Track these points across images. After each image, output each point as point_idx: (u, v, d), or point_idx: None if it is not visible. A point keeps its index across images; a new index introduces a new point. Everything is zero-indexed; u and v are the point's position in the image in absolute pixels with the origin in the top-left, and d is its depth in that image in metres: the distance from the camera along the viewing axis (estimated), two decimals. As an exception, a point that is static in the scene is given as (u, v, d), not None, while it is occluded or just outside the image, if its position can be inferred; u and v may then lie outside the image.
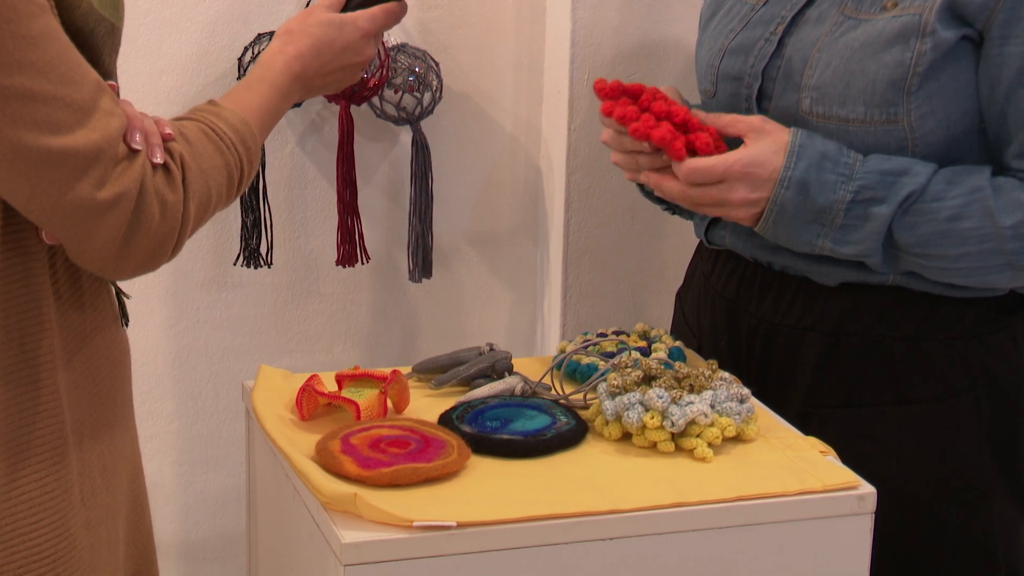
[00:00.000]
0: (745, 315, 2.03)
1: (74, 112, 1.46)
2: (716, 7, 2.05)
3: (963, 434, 1.92)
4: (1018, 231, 1.81)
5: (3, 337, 1.51)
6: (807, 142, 1.83)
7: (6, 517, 1.52)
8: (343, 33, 1.80)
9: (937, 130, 1.84)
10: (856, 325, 1.93)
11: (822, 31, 1.89)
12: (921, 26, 1.81)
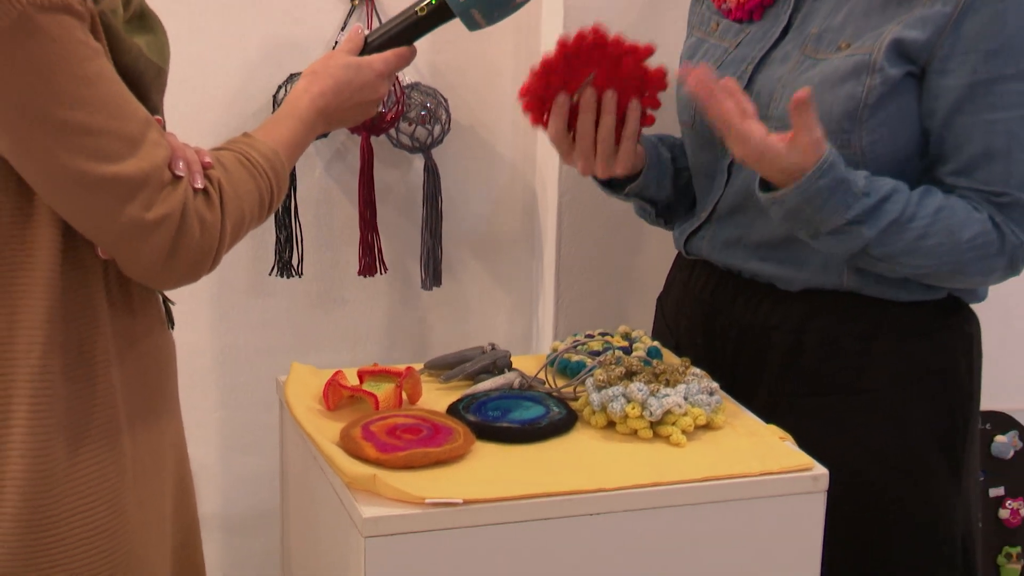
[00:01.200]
0: (719, 317, 2.02)
1: (125, 143, 1.46)
2: (695, 49, 2.04)
3: (910, 420, 1.92)
4: (973, 244, 1.81)
5: (64, 339, 1.50)
6: (835, 162, 1.76)
7: (68, 495, 1.51)
8: (360, 74, 1.79)
9: (885, 153, 1.84)
10: (816, 325, 1.93)
11: (786, 69, 1.89)
12: (871, 64, 1.81)
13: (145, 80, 1.54)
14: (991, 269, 1.86)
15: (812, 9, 1.91)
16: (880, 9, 1.83)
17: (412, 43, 1.83)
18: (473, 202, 2.58)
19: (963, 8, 1.77)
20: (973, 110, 1.80)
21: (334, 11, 2.43)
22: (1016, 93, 1.79)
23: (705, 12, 2.06)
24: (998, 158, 1.81)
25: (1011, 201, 1.82)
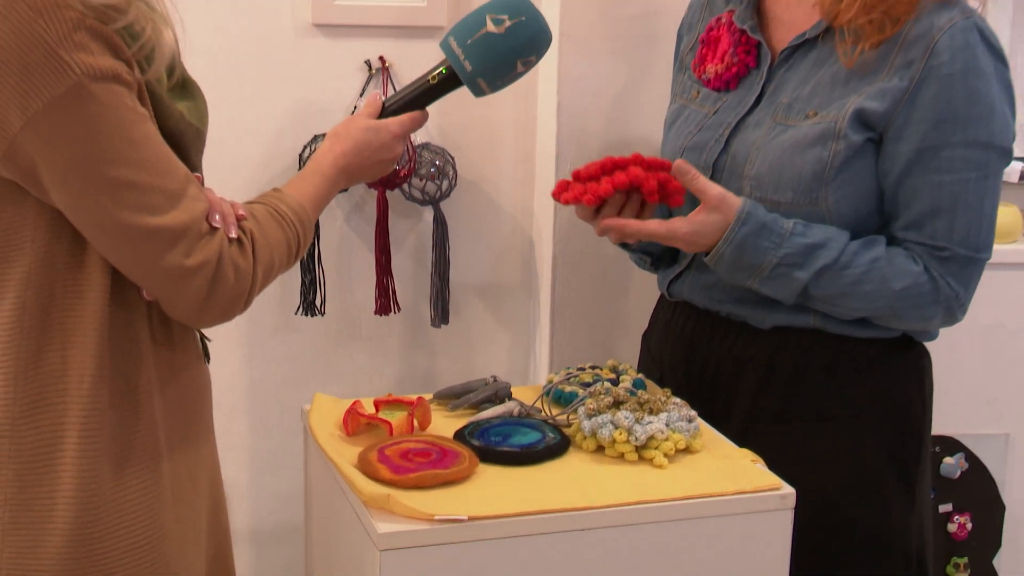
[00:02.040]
0: (698, 352, 2.02)
1: (167, 198, 1.46)
2: (677, 115, 2.05)
3: (868, 445, 1.92)
4: (905, 293, 1.83)
5: (111, 372, 1.50)
6: (752, 212, 1.83)
7: (113, 512, 1.51)
8: (378, 135, 1.80)
9: (848, 210, 1.85)
10: (784, 359, 1.93)
11: (759, 134, 1.89)
12: (836, 131, 1.82)
13: (186, 141, 1.55)
14: (928, 316, 1.87)
15: (783, 80, 1.92)
16: (844, 82, 1.84)
17: (425, 107, 1.84)
18: (477, 249, 2.57)
19: (917, 83, 1.78)
20: (922, 172, 1.81)
21: (353, 79, 2.44)
22: (960, 158, 1.80)
23: (687, 81, 2.06)
24: (943, 216, 1.82)
25: (951, 255, 1.83)
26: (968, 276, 1.85)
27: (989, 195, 1.83)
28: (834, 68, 1.86)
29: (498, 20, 1.78)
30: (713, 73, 1.99)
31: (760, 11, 1.98)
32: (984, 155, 1.81)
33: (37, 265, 1.46)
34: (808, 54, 1.90)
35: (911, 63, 1.79)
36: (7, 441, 1.48)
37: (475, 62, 1.79)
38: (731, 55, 1.97)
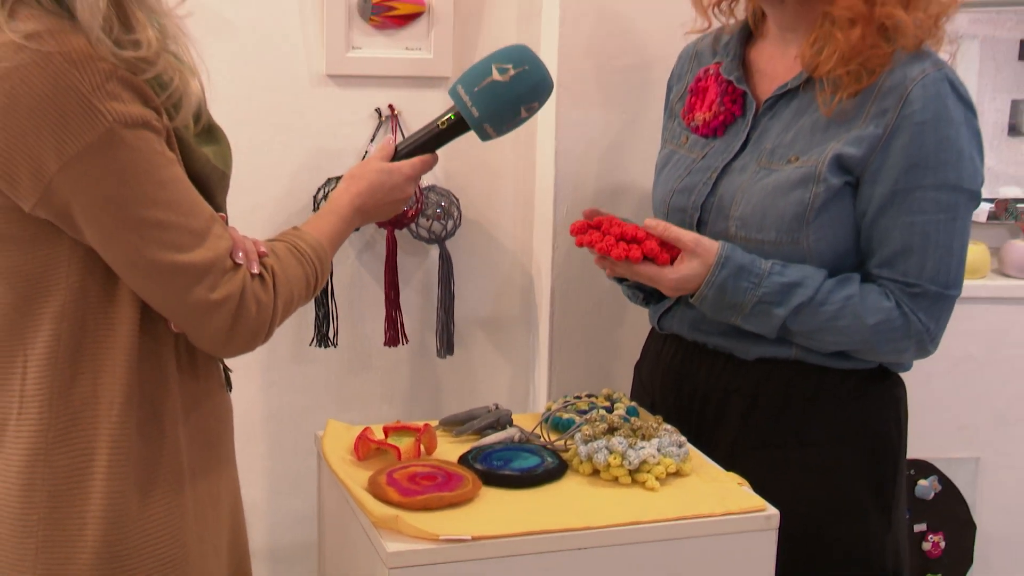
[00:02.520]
0: (687, 381, 2.02)
1: (194, 236, 1.47)
2: (667, 160, 2.05)
3: (847, 469, 1.92)
4: (878, 328, 1.83)
5: (139, 399, 1.51)
6: (730, 255, 1.84)
7: (140, 531, 1.51)
8: (391, 177, 1.80)
9: (827, 249, 1.85)
10: (768, 388, 1.93)
11: (744, 177, 1.90)
12: (816, 175, 1.82)
13: (211, 183, 1.55)
14: (901, 349, 1.88)
15: (766, 128, 1.92)
16: (823, 129, 1.85)
17: (435, 151, 1.84)
18: (480, 285, 2.58)
19: (891, 130, 1.79)
20: (896, 213, 1.82)
21: (364, 125, 2.45)
22: (932, 200, 1.80)
23: (676, 128, 2.07)
24: (914, 254, 1.82)
25: (922, 292, 1.83)
26: (938, 311, 1.86)
27: (958, 235, 1.84)
28: (814, 116, 1.87)
29: (503, 69, 1.80)
30: (701, 121, 2.00)
31: (745, 64, 1.99)
32: (954, 198, 1.81)
33: (71, 299, 1.47)
34: (790, 103, 1.91)
35: (886, 111, 1.80)
36: (42, 463, 1.48)
37: (482, 108, 1.80)
38: (718, 104, 1.97)
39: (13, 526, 1.50)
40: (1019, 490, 2.80)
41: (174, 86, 1.45)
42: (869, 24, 1.79)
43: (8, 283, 1.47)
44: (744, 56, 1.99)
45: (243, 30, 2.37)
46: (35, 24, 1.38)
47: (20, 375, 1.49)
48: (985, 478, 2.77)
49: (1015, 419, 2.76)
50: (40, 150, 1.38)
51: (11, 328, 1.48)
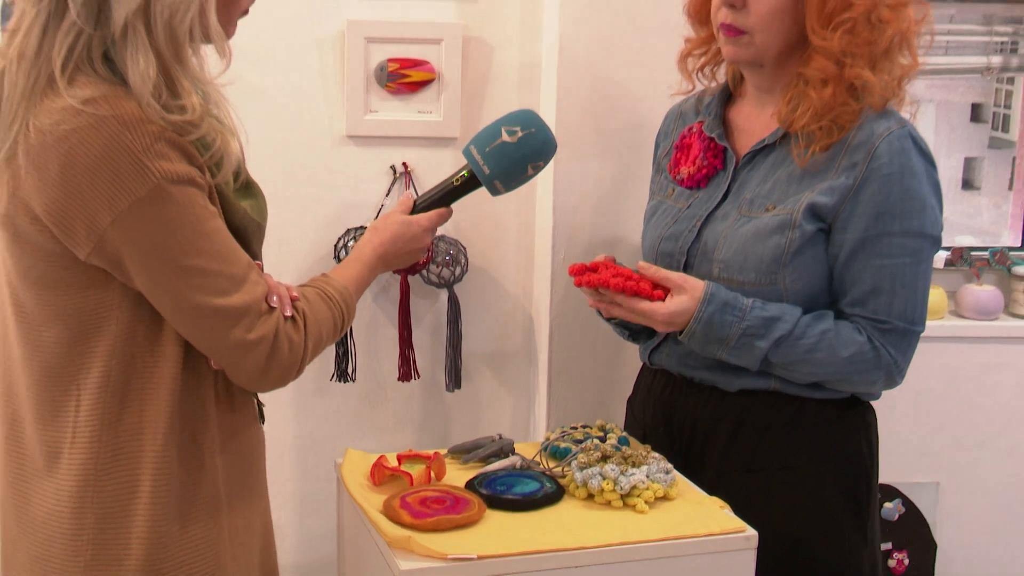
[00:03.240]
0: (676, 412, 2.01)
1: (233, 282, 1.47)
2: (655, 209, 2.05)
3: (825, 490, 1.91)
4: (852, 360, 1.84)
5: (180, 431, 1.51)
6: (716, 292, 1.85)
7: (179, 552, 1.51)
8: (410, 229, 1.81)
9: (802, 289, 1.86)
10: (750, 418, 1.92)
11: (726, 224, 1.90)
12: (792, 222, 1.83)
13: (249, 234, 1.56)
14: (872, 380, 1.88)
15: (746, 179, 1.93)
16: (798, 180, 1.86)
17: (450, 205, 1.86)
18: (485, 325, 2.58)
19: (860, 182, 1.80)
20: (865, 257, 1.82)
21: (380, 181, 2.47)
22: (898, 245, 1.81)
23: (663, 181, 2.07)
24: (883, 294, 1.83)
25: (891, 328, 1.84)
26: (906, 345, 1.86)
27: (922, 277, 1.85)
28: (789, 168, 1.87)
29: (511, 131, 1.81)
30: (686, 174, 2.00)
31: (725, 122, 2.00)
32: (918, 243, 1.83)
33: (121, 339, 1.47)
34: (767, 157, 1.92)
35: (855, 164, 1.81)
36: (91, 489, 1.49)
37: (492, 166, 1.81)
38: (701, 159, 1.98)
39: (64, 545, 1.50)
40: (975, 512, 2.80)
41: (216, 146, 1.47)
42: (839, 84, 1.80)
43: (64, 323, 1.47)
44: (724, 115, 2.00)
45: (274, 96, 2.39)
46: (92, 90, 1.39)
47: (74, 407, 1.49)
48: (944, 501, 2.77)
49: (970, 447, 2.76)
50: (95, 204, 1.39)
51: (66, 364, 1.49)
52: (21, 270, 1.48)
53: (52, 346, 1.49)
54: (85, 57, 1.41)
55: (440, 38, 2.42)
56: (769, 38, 1.83)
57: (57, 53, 1.40)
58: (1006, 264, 2.76)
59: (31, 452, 1.54)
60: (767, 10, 1.81)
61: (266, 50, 2.36)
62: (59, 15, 1.41)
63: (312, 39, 2.40)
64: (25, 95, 1.41)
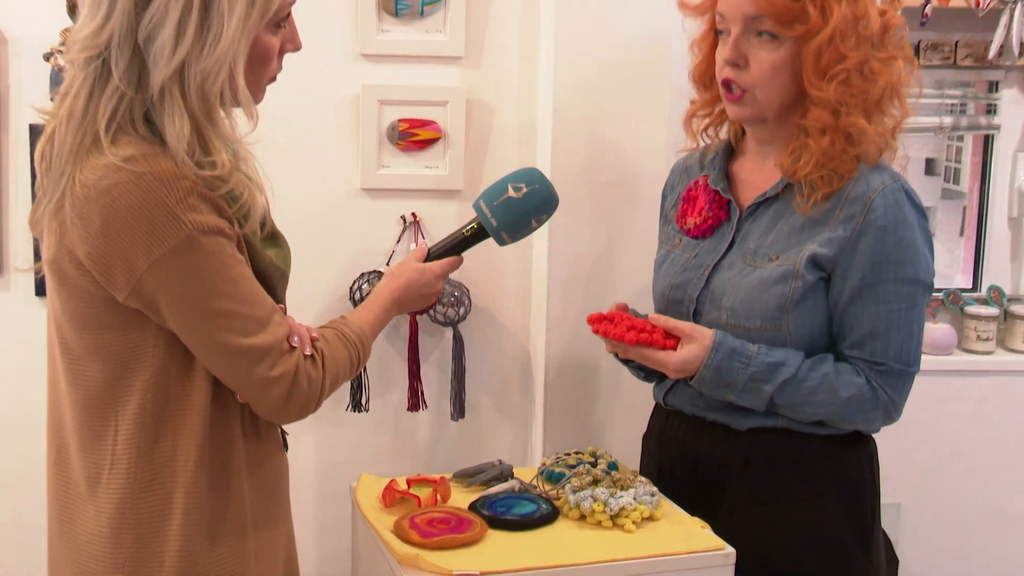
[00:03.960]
0: (690, 450, 1.95)
1: (257, 323, 1.47)
2: (664, 259, 2.01)
3: (831, 519, 1.86)
4: (851, 401, 1.80)
5: (209, 458, 1.51)
6: (723, 340, 1.81)
7: (209, 570, 1.51)
8: (423, 275, 1.81)
9: (805, 333, 1.82)
10: (760, 453, 1.87)
11: (732, 273, 1.87)
12: (795, 272, 1.80)
13: (273, 280, 1.56)
14: (871, 419, 1.84)
15: (749, 230, 1.89)
16: (799, 232, 1.82)
17: (460, 254, 1.86)
18: (486, 360, 2.57)
19: (857, 233, 1.77)
20: (863, 303, 1.79)
21: (392, 230, 2.47)
22: (893, 292, 1.78)
23: (671, 232, 2.03)
24: (880, 338, 1.79)
25: (887, 370, 1.80)
26: (901, 385, 1.82)
27: (916, 321, 1.81)
28: (791, 220, 1.84)
29: (517, 187, 1.82)
30: (693, 224, 1.96)
31: (729, 176, 1.96)
32: (911, 289, 1.79)
33: (156, 375, 1.48)
34: (769, 209, 1.88)
35: (852, 216, 1.78)
36: (128, 511, 1.48)
37: (499, 219, 1.81)
38: (707, 210, 1.94)
39: (104, 563, 1.50)
40: (933, 531, 2.78)
41: (244, 200, 1.47)
42: (837, 132, 1.77)
43: (104, 361, 1.48)
44: (728, 169, 1.97)
45: (297, 153, 2.40)
46: (132, 149, 1.40)
47: (112, 437, 1.49)
48: (905, 520, 2.76)
49: (929, 471, 2.75)
50: (133, 251, 1.40)
51: (105, 398, 1.49)
52: (66, 311, 1.49)
53: (93, 381, 1.49)
54: (128, 118, 1.42)
55: (446, 100, 2.43)
56: (770, 94, 1.81)
57: (102, 115, 1.41)
58: (959, 304, 2.76)
59: (75, 477, 1.53)
60: (768, 67, 1.79)
61: (290, 112, 2.36)
62: (104, 80, 1.42)
63: (331, 102, 2.42)
64: (72, 152, 1.42)
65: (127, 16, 1.40)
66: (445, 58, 2.43)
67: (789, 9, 1.75)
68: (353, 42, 2.40)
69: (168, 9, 1.39)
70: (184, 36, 1.39)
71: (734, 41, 1.80)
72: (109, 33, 1.41)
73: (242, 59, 1.44)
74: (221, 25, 1.40)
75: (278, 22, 1.51)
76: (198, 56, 1.40)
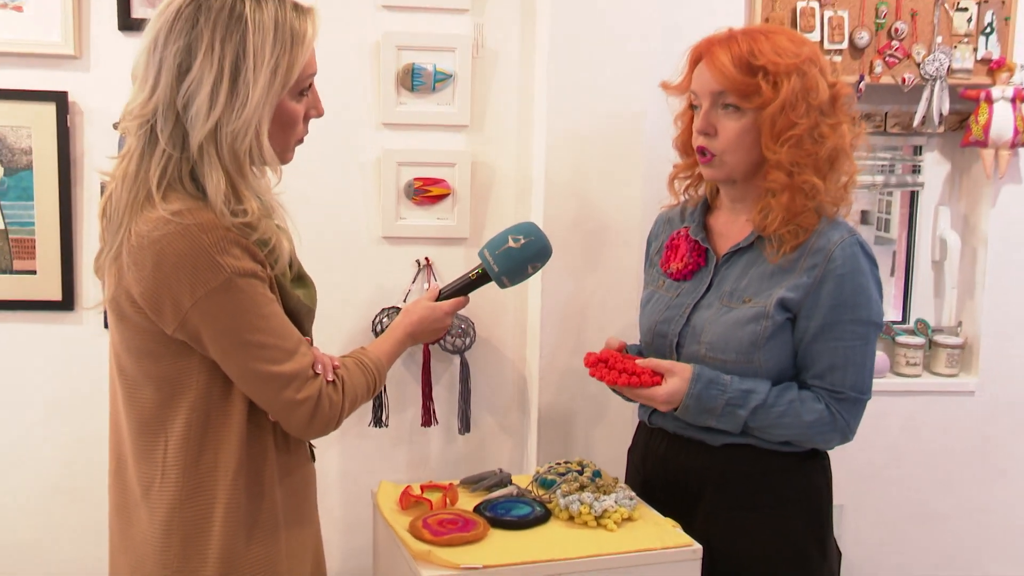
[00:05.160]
0: (671, 464, 1.92)
1: (286, 353, 1.46)
2: (649, 298, 1.98)
3: (793, 525, 1.83)
4: (813, 424, 1.78)
5: (246, 469, 1.49)
6: (701, 372, 1.79)
7: (245, 566, 1.49)
8: (434, 313, 1.80)
9: (774, 366, 1.80)
10: (733, 467, 1.84)
11: (710, 312, 1.84)
12: (766, 313, 1.78)
13: (301, 316, 1.55)
14: (830, 440, 1.82)
15: (725, 275, 1.87)
16: (769, 278, 1.80)
17: (467, 295, 1.86)
18: (488, 382, 2.55)
19: (819, 280, 1.75)
20: (824, 340, 1.77)
21: (407, 272, 2.45)
22: (850, 331, 1.76)
23: (655, 274, 2.01)
24: (838, 370, 1.77)
25: (845, 397, 1.78)
26: (856, 411, 1.80)
27: (869, 356, 1.79)
28: (762, 267, 1.82)
29: (516, 239, 1.82)
30: (675, 268, 1.94)
31: (707, 227, 1.95)
32: (865, 329, 1.77)
33: (199, 397, 1.46)
34: (742, 257, 1.86)
35: (815, 266, 1.76)
36: (177, 515, 1.47)
37: (501, 266, 1.82)
38: (688, 256, 1.92)
39: (156, 559, 1.48)
40: (869, 526, 2.75)
41: (272, 245, 1.46)
42: (793, 189, 1.76)
43: (155, 385, 1.47)
44: (705, 222, 1.96)
45: (327, 206, 2.39)
46: (179, 204, 1.40)
47: (162, 451, 1.48)
48: (847, 519, 2.73)
49: (866, 476, 2.73)
50: (179, 292, 1.39)
51: (156, 417, 1.48)
52: (124, 342, 1.48)
53: (147, 402, 1.48)
54: (176, 176, 1.42)
55: (454, 162, 2.42)
56: (736, 158, 1.80)
57: (153, 174, 1.42)
58: (891, 334, 2.74)
59: (131, 485, 1.52)
60: (733, 135, 1.78)
61: (323, 171, 2.37)
62: (153, 144, 1.43)
63: (357, 163, 2.41)
64: (128, 207, 1.42)
65: (169, 88, 1.40)
66: (453, 126, 2.42)
67: (747, 84, 1.75)
68: (376, 113, 2.40)
69: (202, 80, 1.39)
70: (216, 102, 1.39)
71: (704, 114, 1.81)
72: (155, 103, 1.41)
73: (267, 122, 1.44)
74: (247, 93, 1.40)
75: (301, 91, 1.50)
76: (228, 119, 1.40)
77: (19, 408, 2.39)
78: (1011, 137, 2.54)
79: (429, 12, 2.36)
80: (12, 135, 2.26)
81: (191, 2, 1.40)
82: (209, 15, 1.39)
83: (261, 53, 1.40)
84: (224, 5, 1.40)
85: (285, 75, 1.44)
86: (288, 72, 1.44)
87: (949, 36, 2.51)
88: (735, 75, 1.75)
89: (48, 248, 2.30)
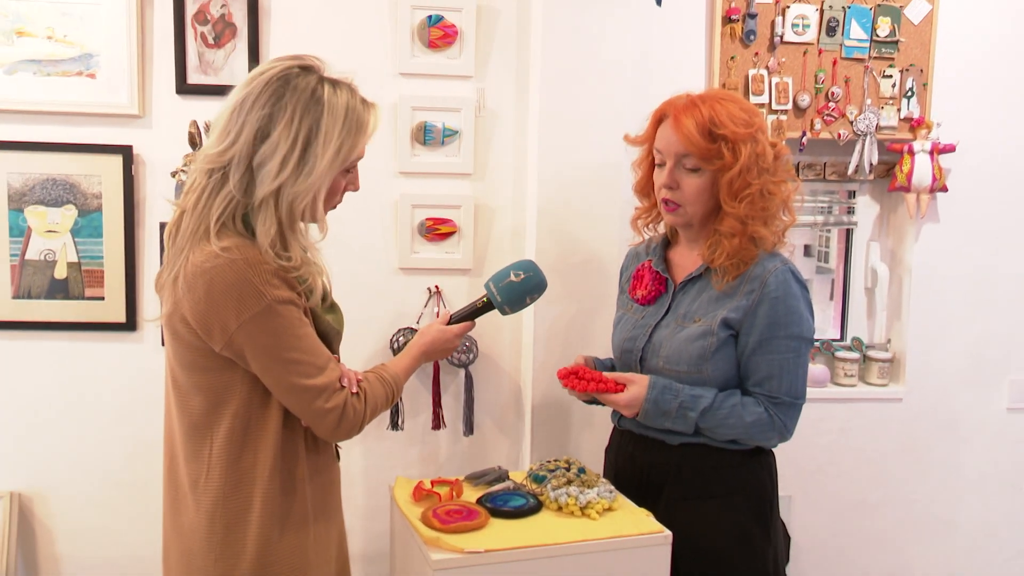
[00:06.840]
0: (637, 460, 1.91)
1: (317, 369, 1.46)
2: (620, 319, 1.98)
3: (741, 512, 1.81)
4: (753, 425, 1.77)
5: (281, 468, 1.48)
6: (657, 380, 1.79)
7: (279, 551, 1.47)
8: (445, 335, 1.79)
9: (720, 376, 1.79)
10: (688, 462, 1.83)
11: (667, 331, 1.84)
12: (712, 331, 1.78)
13: (331, 338, 1.54)
14: (770, 438, 1.81)
15: (680, 300, 1.87)
16: (715, 301, 1.81)
17: (473, 320, 1.85)
18: (489, 392, 2.52)
19: (756, 302, 1.76)
20: (762, 353, 1.77)
21: (420, 299, 2.43)
22: (784, 345, 1.76)
23: (624, 300, 2.00)
24: (775, 379, 1.77)
25: (781, 402, 1.77)
26: (793, 413, 1.79)
27: (802, 366, 1.79)
28: (710, 293, 1.82)
29: (517, 274, 1.83)
30: (641, 295, 1.94)
31: (667, 260, 1.95)
32: (797, 343, 1.77)
33: (242, 405, 1.45)
34: (695, 284, 1.86)
35: (753, 291, 1.77)
36: (220, 507, 1.45)
37: (503, 297, 1.82)
38: (651, 285, 1.92)
39: (202, 544, 1.47)
40: (814, 514, 2.73)
41: (309, 280, 1.46)
42: (743, 236, 1.77)
43: (204, 395, 1.45)
44: (665, 255, 1.96)
45: (352, 243, 2.38)
46: (229, 241, 1.40)
47: (208, 451, 1.46)
48: (795, 509, 2.70)
49: (811, 471, 2.70)
50: (226, 316, 1.38)
51: (203, 422, 1.46)
52: (177, 356, 1.47)
53: (196, 409, 1.47)
54: (231, 217, 1.42)
55: (460, 205, 2.42)
56: (696, 208, 1.81)
57: (215, 211, 1.41)
58: (830, 350, 2.74)
59: (181, 480, 1.50)
60: (694, 191, 1.79)
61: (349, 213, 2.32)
62: (220, 185, 1.43)
63: (378, 205, 2.40)
64: (191, 235, 1.42)
65: (248, 144, 1.40)
66: (459, 175, 2.42)
67: (709, 150, 1.76)
68: (394, 163, 2.39)
69: (278, 146, 1.39)
70: (286, 167, 1.39)
71: (669, 171, 1.81)
72: (232, 154, 1.41)
73: (324, 191, 1.45)
74: (313, 164, 1.41)
75: (348, 168, 1.51)
76: (293, 183, 1.41)
77: (89, 414, 2.38)
78: (930, 183, 2.57)
79: (439, 78, 2.37)
80: (85, 182, 2.28)
81: (280, 77, 1.41)
82: (294, 93, 1.39)
83: (331, 134, 1.41)
84: (308, 86, 1.40)
85: (346, 155, 1.45)
86: (349, 153, 1.45)
87: (877, 99, 2.54)
88: (700, 141, 1.75)
89: (114, 278, 2.31)
